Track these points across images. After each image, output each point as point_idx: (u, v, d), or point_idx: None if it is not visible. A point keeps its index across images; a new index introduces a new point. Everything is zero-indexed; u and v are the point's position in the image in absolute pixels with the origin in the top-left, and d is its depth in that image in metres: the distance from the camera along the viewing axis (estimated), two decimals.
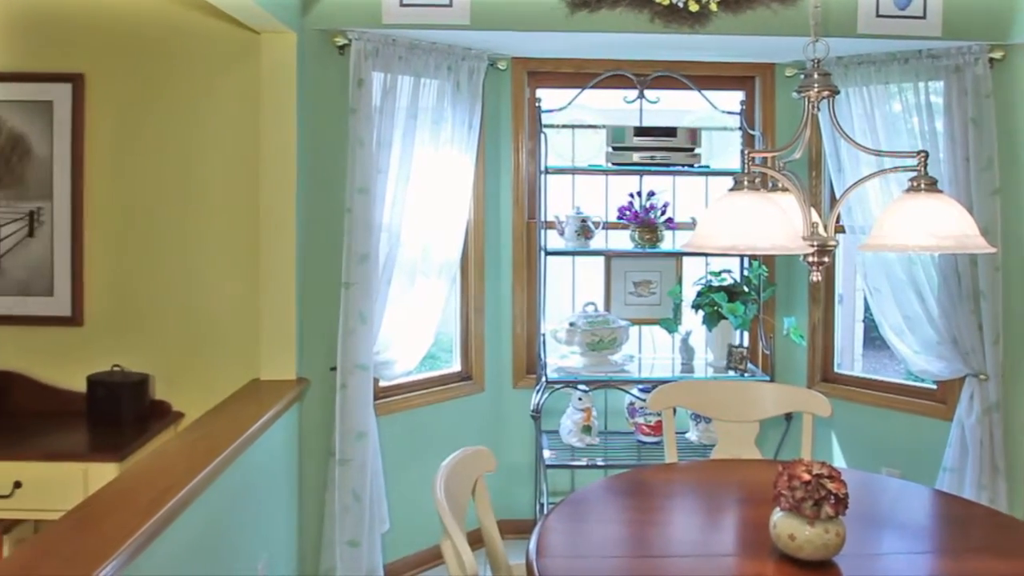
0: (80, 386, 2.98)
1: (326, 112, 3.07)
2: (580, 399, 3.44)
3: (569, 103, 3.51)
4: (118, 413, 2.85)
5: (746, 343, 3.58)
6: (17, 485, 2.57)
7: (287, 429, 2.90)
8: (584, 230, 3.49)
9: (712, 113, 3.61)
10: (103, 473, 2.53)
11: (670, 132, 3.48)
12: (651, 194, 3.57)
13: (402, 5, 2.99)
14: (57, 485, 2.57)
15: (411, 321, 3.22)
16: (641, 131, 3.47)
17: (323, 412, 3.06)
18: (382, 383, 3.27)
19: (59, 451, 2.61)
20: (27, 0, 2.99)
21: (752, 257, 3.54)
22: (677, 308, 3.63)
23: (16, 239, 3.06)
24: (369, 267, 3.00)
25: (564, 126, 3.65)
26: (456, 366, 3.63)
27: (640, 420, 3.53)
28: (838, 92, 1.96)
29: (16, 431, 2.80)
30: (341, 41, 3.03)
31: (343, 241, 2.99)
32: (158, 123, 3.03)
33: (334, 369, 3.01)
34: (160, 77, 3.02)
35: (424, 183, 3.20)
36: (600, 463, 3.41)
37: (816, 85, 1.92)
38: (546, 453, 3.38)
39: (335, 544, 2.96)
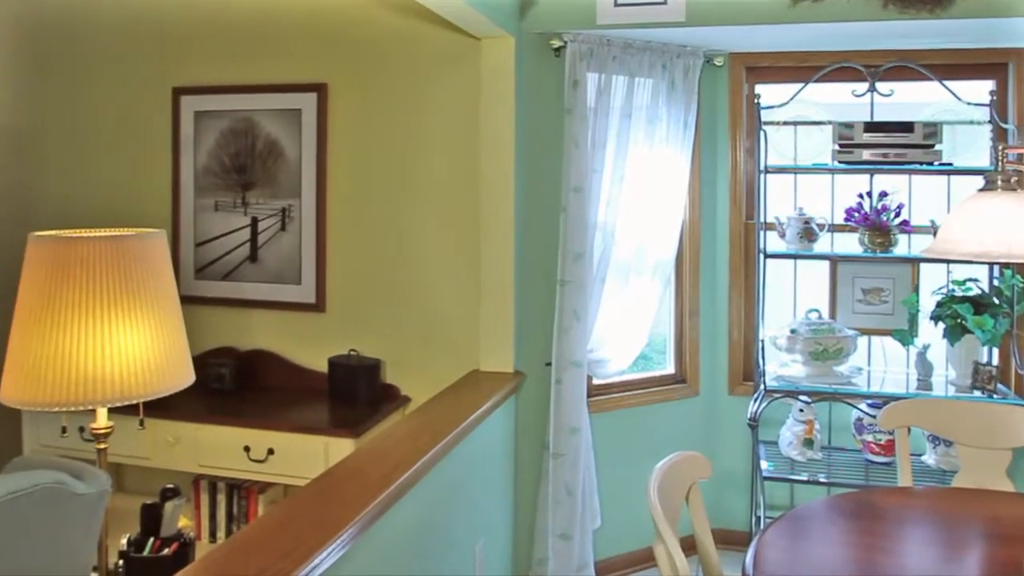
0: (322, 367, 3.28)
1: (542, 113, 3.14)
2: (801, 410, 3.27)
3: (791, 99, 3.33)
4: (354, 393, 3.11)
5: (995, 361, 3.22)
6: (270, 452, 2.89)
7: (505, 419, 3.01)
8: (807, 232, 3.31)
9: (955, 105, 3.26)
10: (341, 447, 2.77)
11: (905, 127, 3.19)
12: (883, 194, 3.31)
13: (616, 5, 2.98)
14: (302, 455, 2.85)
15: (624, 320, 3.23)
16: (872, 126, 3.22)
17: (538, 406, 3.14)
18: (596, 381, 3.30)
19: (305, 424, 2.89)
20: (281, 20, 3.32)
21: (1004, 265, 3.18)
22: (913, 319, 3.34)
23: (271, 233, 3.41)
24: (584, 265, 3.04)
25: (785, 123, 3.46)
26: (670, 368, 3.58)
27: (869, 437, 3.28)
28: None
29: (269, 404, 3.13)
30: (557, 43, 3.08)
31: (559, 239, 3.05)
32: (389, 127, 3.24)
33: (549, 364, 3.08)
34: (390, 84, 3.24)
35: (639, 182, 3.18)
36: (823, 479, 3.21)
37: None
38: (763, 464, 3.25)
39: (547, 535, 3.03)
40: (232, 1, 3.37)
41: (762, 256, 3.29)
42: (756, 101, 3.34)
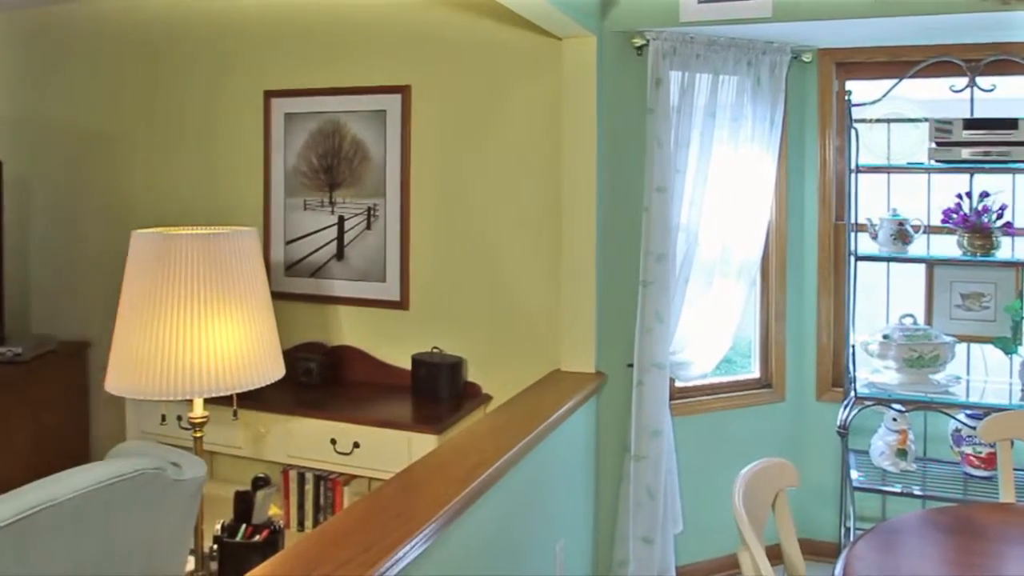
0: (405, 363, 3.34)
1: (624, 112, 3.12)
2: (895, 419, 3.14)
3: (884, 95, 3.20)
4: (436, 390, 3.15)
5: None
6: (356, 445, 2.96)
7: (586, 420, 3.00)
8: (901, 234, 3.18)
9: None
10: (424, 443, 2.81)
11: (1009, 124, 3.01)
12: (984, 195, 3.15)
13: (700, 2, 2.92)
14: (386, 449, 2.91)
15: (708, 323, 3.17)
16: (972, 123, 3.05)
17: (620, 407, 3.12)
18: (678, 383, 3.26)
19: (389, 420, 2.95)
20: (366, 24, 3.40)
21: None
22: (1017, 326, 3.17)
23: (357, 231, 3.49)
24: (666, 266, 3.00)
25: (878, 120, 3.33)
26: (755, 372, 3.50)
27: (968, 450, 3.13)
28: None
29: (355, 399, 3.21)
30: (639, 42, 3.05)
31: (641, 240, 3.02)
32: (470, 126, 3.28)
33: (631, 366, 3.06)
34: (471, 84, 3.27)
35: (723, 182, 3.12)
36: (917, 492, 3.08)
37: None
38: (854, 474, 3.13)
39: (629, 538, 3.01)
40: (320, 6, 3.47)
41: (853, 258, 3.18)
42: (847, 98, 3.22)
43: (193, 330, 2.17)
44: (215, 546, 2.35)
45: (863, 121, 3.28)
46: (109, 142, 3.94)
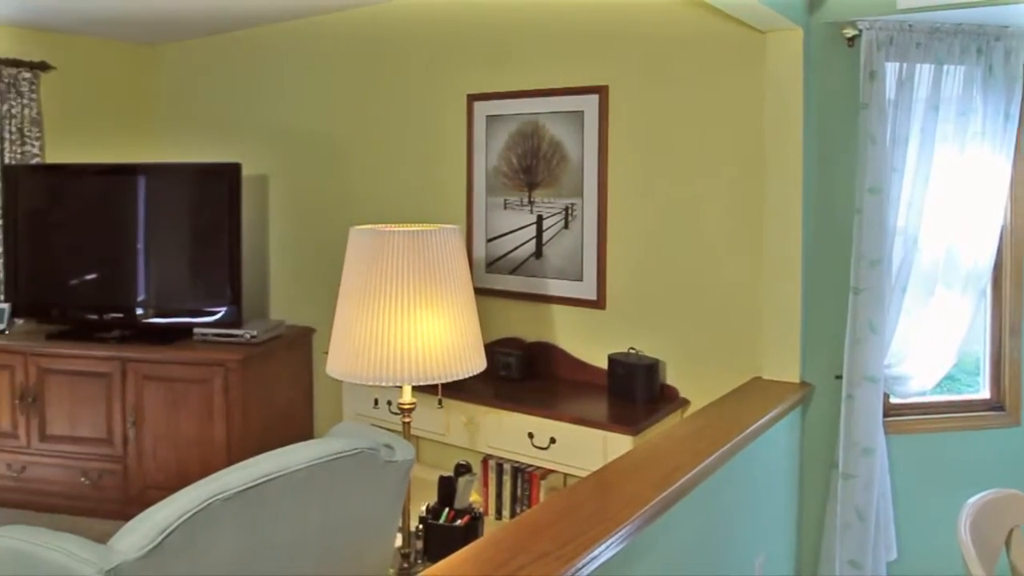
0: (601, 362, 3.36)
1: (833, 108, 2.93)
2: None
3: None
4: (633, 391, 3.14)
5: None
6: (552, 440, 3.02)
7: (789, 432, 2.87)
8: None
9: None
10: (619, 443, 2.82)
11: None
12: None
13: None
14: (582, 446, 2.94)
15: (928, 335, 2.92)
16: None
17: (827, 421, 2.95)
18: (893, 399, 3.03)
19: (585, 417, 2.97)
20: (564, 26, 3.44)
21: None
22: None
23: (555, 231, 3.55)
24: (881, 273, 2.79)
25: None
26: (984, 392, 3.17)
27: None
28: None
29: (553, 395, 3.27)
30: (850, 32, 2.85)
31: (852, 244, 2.84)
32: (668, 125, 3.22)
33: (839, 377, 2.88)
34: (669, 82, 3.21)
35: (947, 182, 2.85)
36: None
37: None
38: None
39: (835, 561, 2.84)
40: (519, 10, 3.56)
41: None
42: None
43: (403, 321, 2.31)
44: (420, 526, 2.49)
45: None
46: (332, 144, 4.29)
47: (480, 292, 3.73)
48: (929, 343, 2.93)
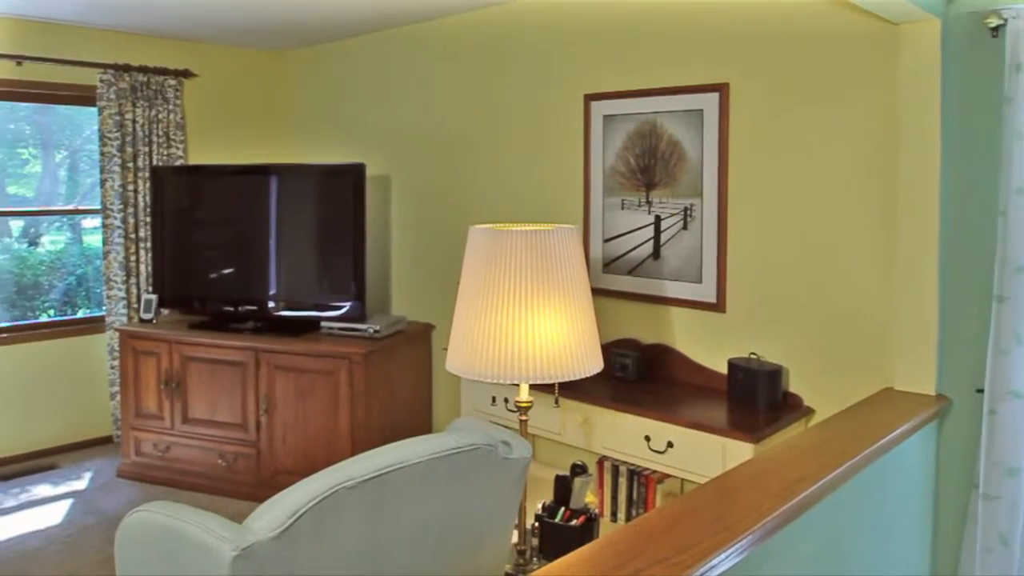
0: (721, 367, 3.29)
1: (974, 103, 2.74)
2: None
3: None
4: (754, 397, 3.06)
5: None
6: (669, 445, 2.97)
7: (923, 448, 2.71)
8: None
9: None
10: (739, 450, 2.75)
11: None
12: None
13: None
14: (700, 452, 2.89)
15: None
16: None
17: (966, 437, 2.77)
18: None
19: (703, 423, 2.92)
20: (683, 24, 3.38)
21: None
22: None
23: (673, 231, 3.49)
24: None
25: None
26: None
27: None
28: None
29: (670, 398, 3.22)
30: (994, 22, 2.64)
31: (995, 248, 2.65)
32: (792, 123, 3.11)
33: (980, 391, 2.70)
34: (794, 78, 3.10)
35: None
36: None
37: None
38: None
39: None
40: (637, 9, 3.52)
41: None
42: None
43: (521, 319, 2.33)
44: (536, 523, 2.51)
45: None
46: (451, 145, 4.39)
47: (596, 292, 3.73)
48: None
